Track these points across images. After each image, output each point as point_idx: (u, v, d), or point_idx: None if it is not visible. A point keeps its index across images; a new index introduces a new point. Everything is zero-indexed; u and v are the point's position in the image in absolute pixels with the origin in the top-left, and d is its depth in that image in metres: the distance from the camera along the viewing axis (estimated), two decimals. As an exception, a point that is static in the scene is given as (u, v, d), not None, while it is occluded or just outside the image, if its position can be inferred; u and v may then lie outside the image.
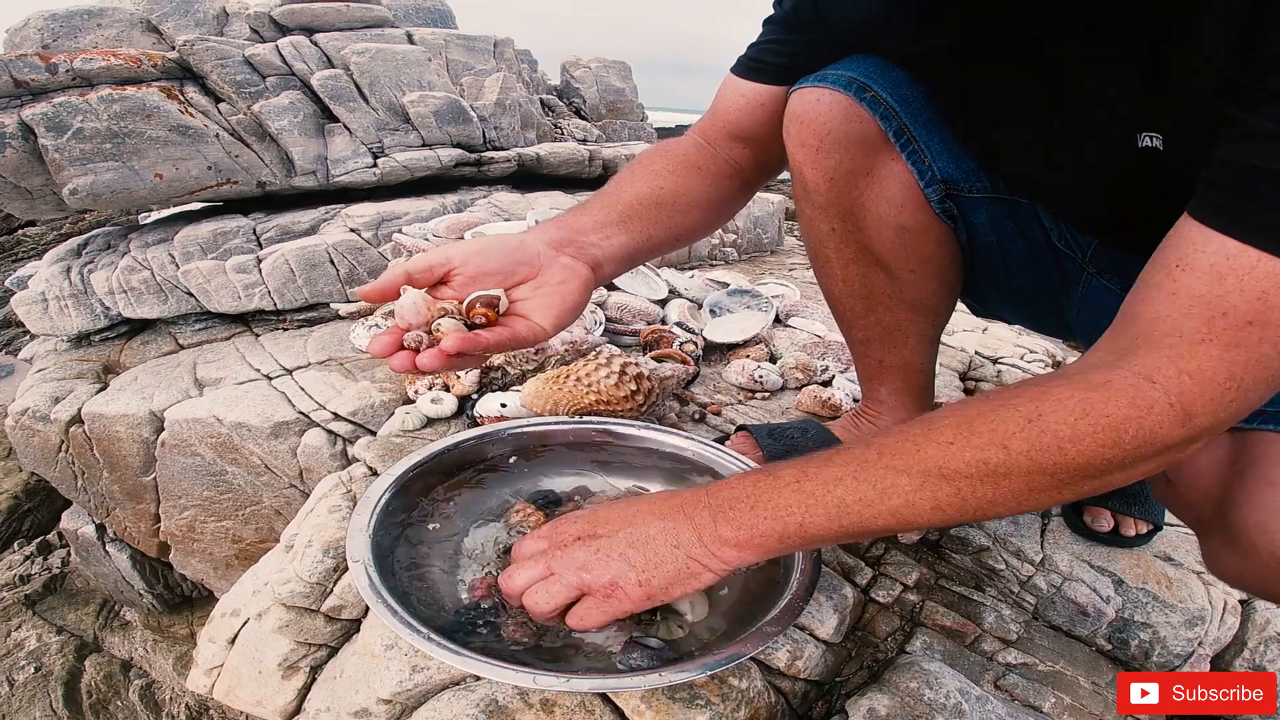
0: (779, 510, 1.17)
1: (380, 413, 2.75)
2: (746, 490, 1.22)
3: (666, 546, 1.23)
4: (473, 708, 1.40)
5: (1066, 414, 1.02)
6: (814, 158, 1.58)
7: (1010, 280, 1.72)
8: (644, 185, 1.63)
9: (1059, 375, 1.11)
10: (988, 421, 1.07)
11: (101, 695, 4.07)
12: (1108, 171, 1.29)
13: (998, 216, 1.62)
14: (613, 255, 1.51)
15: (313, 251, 3.99)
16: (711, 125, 1.76)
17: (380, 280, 1.31)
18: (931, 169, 1.57)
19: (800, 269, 4.92)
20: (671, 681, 1.24)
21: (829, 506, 1.14)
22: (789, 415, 2.54)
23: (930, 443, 1.10)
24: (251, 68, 4.38)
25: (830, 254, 1.75)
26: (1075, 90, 1.24)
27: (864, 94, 1.50)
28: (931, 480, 1.09)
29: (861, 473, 1.13)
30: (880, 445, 1.15)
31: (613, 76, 7.20)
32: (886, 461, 1.12)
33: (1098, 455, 1.01)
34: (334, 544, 1.80)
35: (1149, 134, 1.15)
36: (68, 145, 3.73)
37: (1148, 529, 1.95)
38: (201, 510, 3.29)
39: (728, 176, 1.74)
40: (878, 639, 1.73)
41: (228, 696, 1.87)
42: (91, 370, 3.83)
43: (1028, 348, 3.39)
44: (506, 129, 5.28)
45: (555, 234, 1.46)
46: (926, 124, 1.54)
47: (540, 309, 1.39)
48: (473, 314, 1.33)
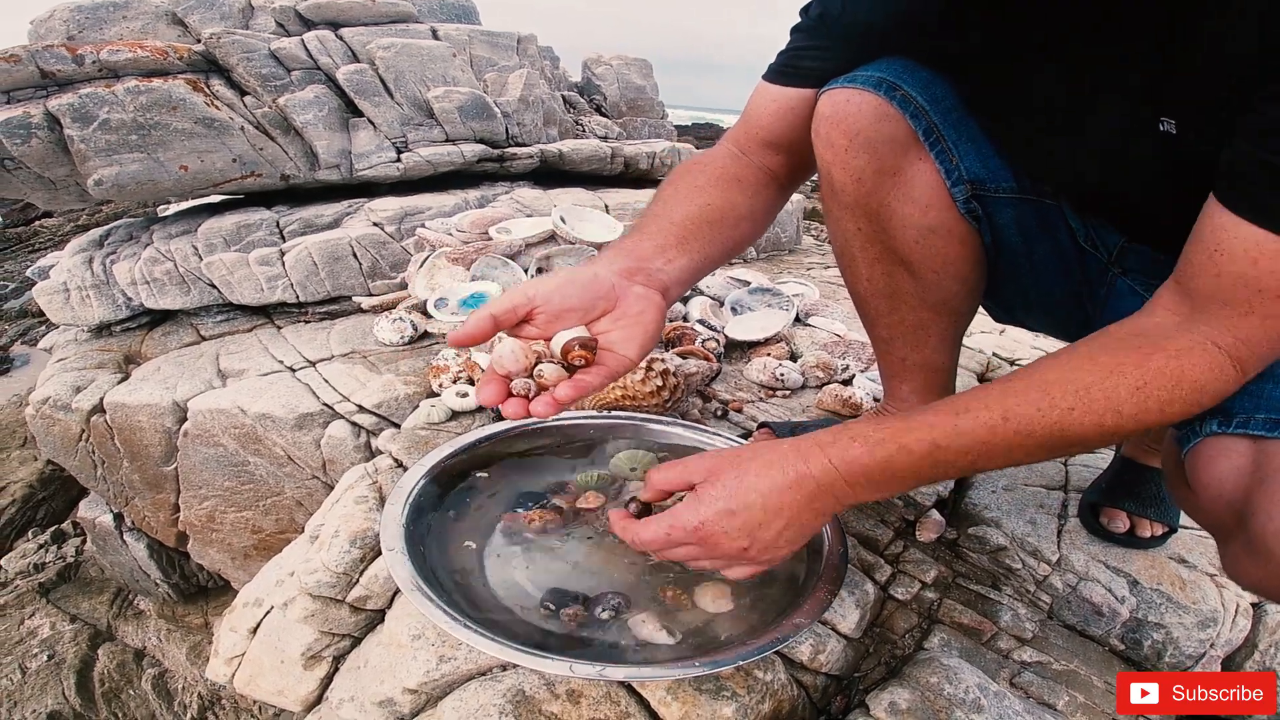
0: (906, 478, 1.26)
1: (404, 405, 2.77)
2: (879, 464, 1.25)
3: (817, 520, 1.30)
4: (499, 697, 1.41)
5: (1166, 382, 1.14)
6: (842, 157, 1.59)
7: (1035, 282, 1.72)
8: (692, 204, 1.63)
9: (1143, 337, 1.20)
10: (1103, 389, 1.15)
11: (114, 684, 4.10)
12: (1131, 160, 1.32)
13: (1023, 217, 1.63)
14: (678, 278, 1.52)
15: (336, 245, 4.01)
16: (744, 133, 1.76)
17: (468, 327, 1.31)
18: (959, 168, 1.57)
19: (818, 268, 4.92)
20: (705, 672, 1.27)
21: (951, 472, 1.26)
22: (809, 413, 2.55)
23: (1054, 409, 1.17)
24: (277, 61, 4.40)
25: (856, 253, 1.76)
26: (1095, 80, 1.29)
27: (894, 93, 1.51)
28: (1052, 446, 1.19)
29: (991, 440, 1.20)
30: (1005, 408, 1.20)
31: (634, 74, 7.21)
32: (1014, 427, 1.18)
33: (1183, 412, 1.16)
34: (360, 534, 1.82)
35: (1164, 119, 1.21)
36: (93, 136, 3.75)
37: (1163, 531, 1.96)
38: (222, 500, 3.31)
39: (765, 185, 1.75)
40: (896, 635, 1.75)
41: (248, 686, 1.88)
42: (113, 360, 3.85)
43: (1044, 349, 3.38)
44: (529, 125, 5.29)
45: (623, 263, 1.47)
46: (955, 124, 1.56)
47: (624, 340, 1.40)
48: (570, 356, 1.34)
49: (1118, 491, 1.99)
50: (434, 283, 3.37)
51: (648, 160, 5.69)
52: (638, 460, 1.86)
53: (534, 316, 1.37)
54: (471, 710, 1.40)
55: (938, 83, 1.54)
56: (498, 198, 4.72)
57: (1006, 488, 2.16)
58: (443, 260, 3.42)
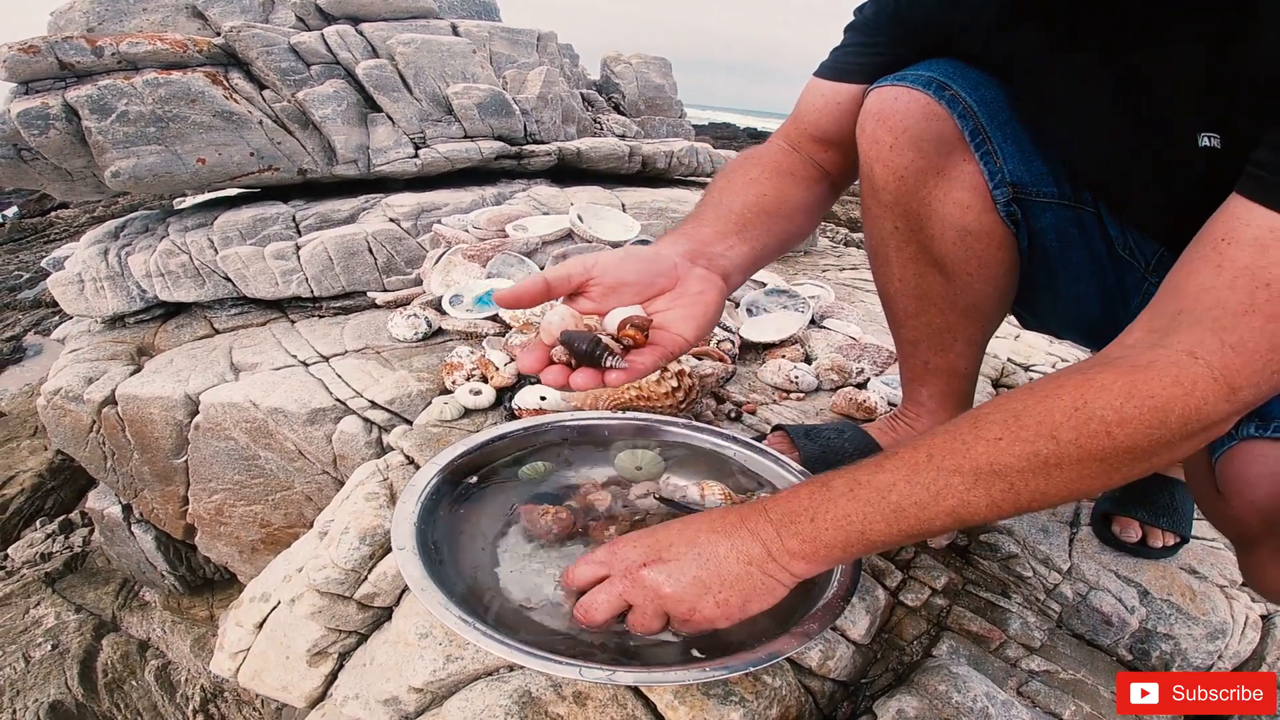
0: (839, 520, 1.18)
1: (417, 402, 2.77)
2: (803, 503, 1.23)
3: (739, 564, 1.24)
4: (506, 698, 1.41)
5: (1112, 398, 1.05)
6: (887, 155, 1.59)
7: (1069, 288, 1.71)
8: (749, 193, 1.63)
9: (1101, 360, 1.13)
10: (1034, 414, 1.09)
11: (117, 674, 4.11)
12: (1174, 171, 1.32)
13: (1062, 223, 1.61)
14: (739, 265, 1.51)
15: (352, 240, 4.02)
16: (795, 129, 1.77)
17: (520, 287, 1.29)
18: (1002, 170, 1.57)
19: (834, 269, 4.90)
20: (714, 677, 1.26)
21: (886, 513, 1.16)
22: (823, 416, 2.55)
23: (979, 440, 1.11)
24: (297, 55, 4.40)
25: (890, 252, 1.76)
26: (1147, 88, 1.27)
27: (943, 92, 1.51)
28: (984, 478, 1.11)
29: (914, 476, 1.14)
30: (930, 447, 1.16)
31: (653, 73, 7.21)
32: (938, 463, 1.13)
33: (1145, 437, 1.04)
34: (370, 531, 1.81)
35: (1208, 134, 1.19)
36: (111, 128, 3.76)
37: (1175, 541, 1.95)
38: (231, 494, 3.32)
39: (817, 180, 1.75)
40: (904, 642, 1.74)
41: (253, 681, 1.88)
42: (125, 352, 3.87)
43: (1060, 356, 3.38)
44: (548, 123, 5.30)
45: (685, 245, 1.46)
46: (1002, 126, 1.55)
47: (681, 319, 1.37)
48: (622, 334, 1.31)
49: (1131, 500, 1.99)
50: (449, 279, 3.37)
51: (665, 159, 5.69)
52: (640, 460, 1.85)
53: (588, 288, 1.35)
54: (477, 710, 1.40)
55: (987, 84, 1.54)
56: (515, 195, 4.72)
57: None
58: (459, 257, 3.42)
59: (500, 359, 2.54)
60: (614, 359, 1.28)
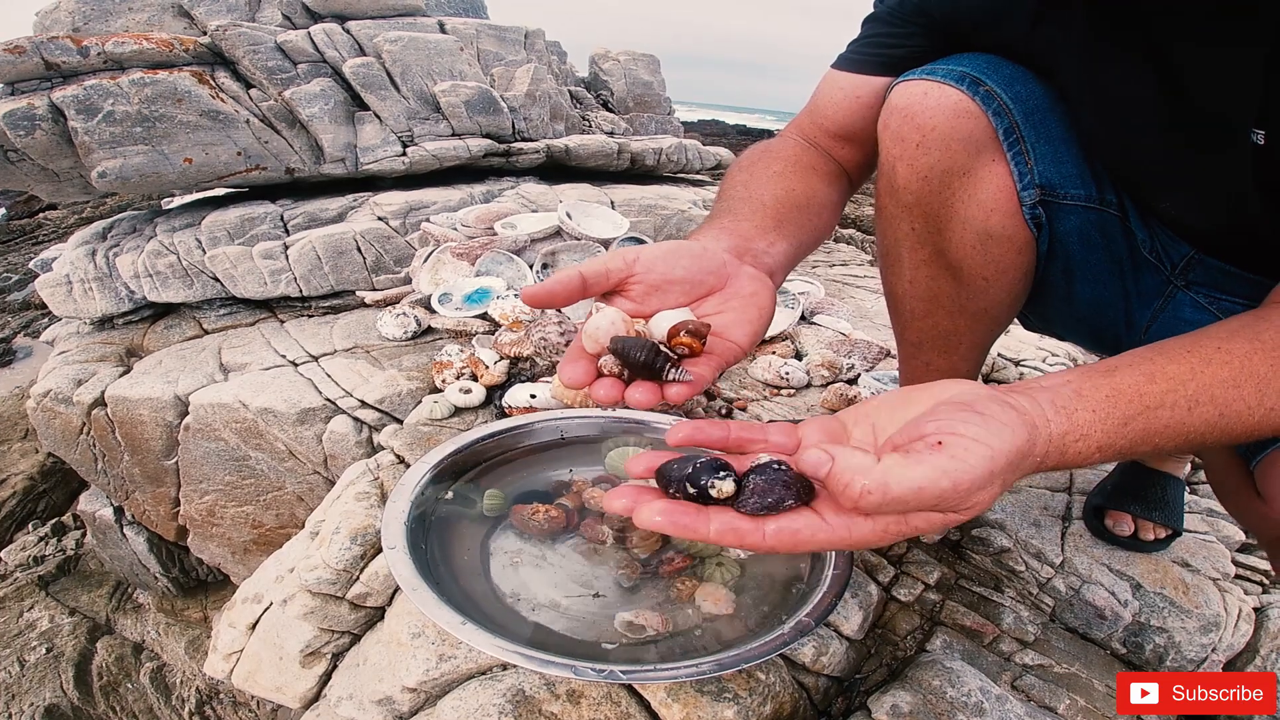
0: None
1: (407, 401, 2.77)
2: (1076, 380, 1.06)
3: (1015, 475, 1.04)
4: (499, 697, 1.41)
5: None
6: (912, 153, 1.51)
7: (1084, 292, 1.65)
8: (778, 188, 1.52)
9: None
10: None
11: (112, 677, 4.10)
12: (1225, 167, 1.26)
13: (1086, 226, 1.55)
14: (781, 263, 1.39)
15: (340, 239, 4.01)
16: (811, 124, 1.69)
17: (551, 283, 1.15)
18: (1033, 171, 1.49)
19: (823, 266, 4.90)
20: (708, 674, 1.25)
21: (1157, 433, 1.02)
22: (813, 412, 2.55)
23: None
24: (283, 54, 4.38)
25: (904, 254, 1.69)
26: (1188, 83, 1.21)
27: (977, 88, 1.44)
28: None
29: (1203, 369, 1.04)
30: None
31: (641, 70, 7.19)
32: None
33: None
34: (361, 531, 1.81)
35: (1255, 130, 1.14)
36: (98, 128, 3.74)
37: (1167, 534, 1.95)
38: (222, 495, 3.31)
39: (838, 176, 1.67)
40: (898, 637, 1.74)
41: (246, 682, 1.88)
42: (114, 353, 3.85)
43: (1050, 350, 3.38)
44: (536, 120, 5.28)
45: (729, 240, 1.33)
46: (1037, 125, 1.48)
47: (735, 324, 1.22)
48: (676, 343, 1.13)
49: (1123, 494, 1.99)
50: (438, 278, 3.37)
51: (654, 156, 5.68)
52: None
53: (628, 286, 1.21)
54: (471, 710, 1.40)
55: (1021, 79, 1.47)
56: (503, 193, 4.70)
57: (1011, 490, 2.15)
58: (447, 255, 3.42)
59: (490, 357, 2.54)
60: (677, 370, 1.10)
